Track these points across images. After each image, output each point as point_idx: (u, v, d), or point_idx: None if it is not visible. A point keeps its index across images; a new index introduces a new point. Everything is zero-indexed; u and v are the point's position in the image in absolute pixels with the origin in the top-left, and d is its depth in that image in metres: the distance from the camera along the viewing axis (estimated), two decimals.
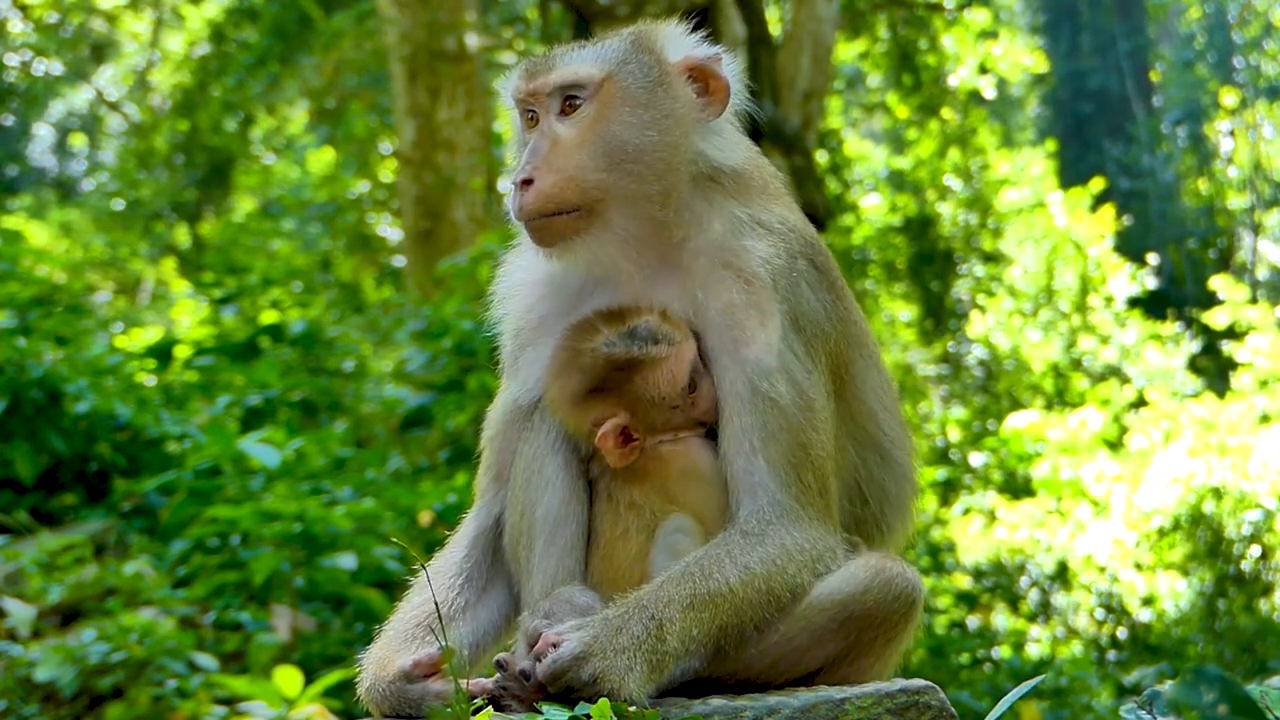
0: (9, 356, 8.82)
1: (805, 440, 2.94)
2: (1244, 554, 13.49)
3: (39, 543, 7.74)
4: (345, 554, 7.40)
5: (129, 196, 24.86)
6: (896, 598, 2.86)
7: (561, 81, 3.03)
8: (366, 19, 19.59)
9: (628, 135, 3.00)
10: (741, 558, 2.82)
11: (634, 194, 3.00)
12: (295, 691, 5.52)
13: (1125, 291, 21.37)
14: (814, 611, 2.84)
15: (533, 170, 2.98)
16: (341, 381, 11.75)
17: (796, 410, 2.94)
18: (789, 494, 2.91)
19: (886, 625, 2.87)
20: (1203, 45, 30.34)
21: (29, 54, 25.80)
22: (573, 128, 3.01)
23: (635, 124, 3.01)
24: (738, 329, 2.98)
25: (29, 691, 6.30)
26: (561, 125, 3.03)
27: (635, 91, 3.03)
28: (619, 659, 2.66)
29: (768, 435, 2.92)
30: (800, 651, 2.85)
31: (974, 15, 20.06)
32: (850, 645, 2.87)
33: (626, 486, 3.03)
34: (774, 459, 2.92)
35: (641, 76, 3.05)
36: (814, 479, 2.95)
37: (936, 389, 20.25)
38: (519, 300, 3.25)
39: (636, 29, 3.17)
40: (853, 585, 2.86)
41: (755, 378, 2.95)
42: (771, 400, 2.93)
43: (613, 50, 3.08)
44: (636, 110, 3.02)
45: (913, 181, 21.47)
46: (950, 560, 14.10)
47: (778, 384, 2.94)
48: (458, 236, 15.80)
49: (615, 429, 2.99)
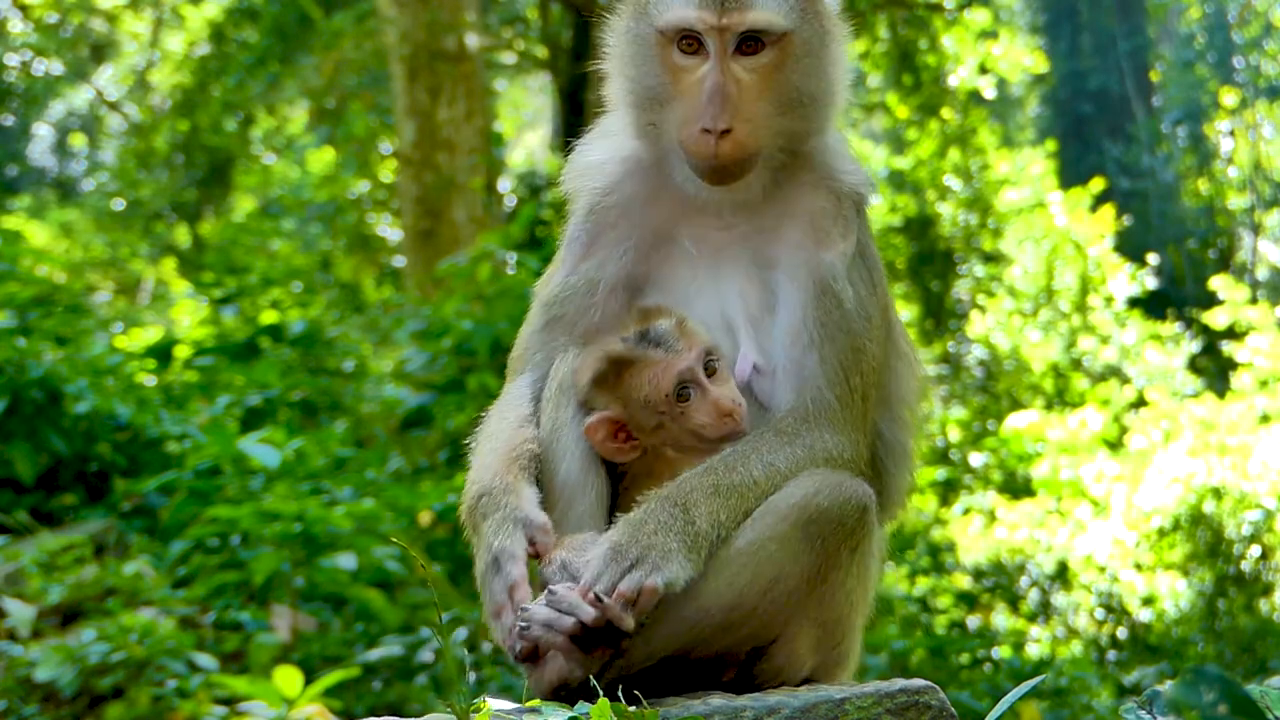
0: (9, 356, 8.83)
1: (859, 345, 3.07)
2: (1244, 554, 13.49)
3: (39, 543, 7.75)
4: (345, 554, 7.40)
5: (129, 196, 24.85)
6: (848, 500, 2.88)
7: (755, 25, 3.06)
8: (366, 19, 19.59)
9: (804, 85, 3.13)
10: (769, 455, 2.94)
11: (799, 134, 3.16)
12: (295, 691, 5.52)
13: (1125, 291, 21.36)
14: (775, 520, 2.86)
15: (730, 119, 3.03)
16: (341, 381, 11.76)
17: (858, 316, 3.08)
18: (834, 392, 3.03)
19: (845, 530, 2.89)
20: (1203, 45, 30.35)
21: (29, 54, 25.80)
22: (754, 73, 3.08)
23: (811, 74, 3.13)
24: (819, 232, 3.13)
25: (29, 691, 6.30)
26: (741, 68, 3.07)
27: (812, 42, 3.14)
28: (654, 539, 2.77)
29: (827, 332, 3.04)
30: (776, 564, 2.85)
31: (974, 15, 20.06)
32: (821, 557, 2.87)
33: (636, 483, 3.07)
34: (828, 356, 3.04)
35: (817, 27, 3.15)
36: (860, 383, 3.06)
37: (936, 389, 20.24)
38: (598, 179, 3.29)
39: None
40: (804, 489, 2.88)
41: (828, 276, 3.07)
42: (838, 300, 3.07)
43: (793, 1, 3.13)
44: (812, 60, 3.13)
45: (913, 181, 21.47)
46: (950, 560, 14.10)
47: (846, 288, 3.08)
48: (458, 236, 15.80)
49: (601, 421, 3.05)
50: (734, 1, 3.07)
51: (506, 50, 22.18)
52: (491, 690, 6.30)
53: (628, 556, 2.75)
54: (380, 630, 7.31)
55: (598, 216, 3.24)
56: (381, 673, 6.91)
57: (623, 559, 2.75)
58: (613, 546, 2.78)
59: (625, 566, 2.74)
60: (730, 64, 3.06)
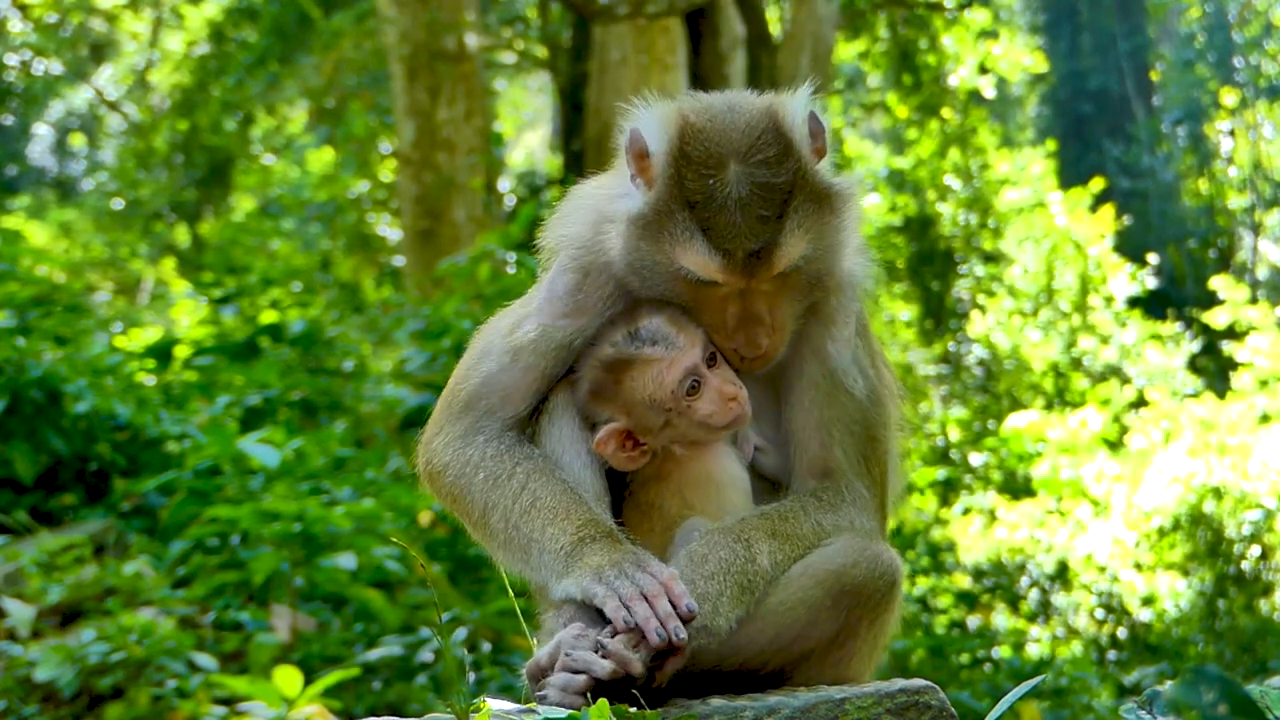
0: (9, 356, 8.83)
1: (876, 435, 3.09)
2: (1244, 554, 13.49)
3: (39, 543, 7.75)
4: (345, 554, 7.40)
5: (129, 196, 24.86)
6: (881, 574, 2.90)
7: (782, 270, 2.93)
8: (366, 19, 19.60)
9: (824, 264, 2.98)
10: (816, 515, 2.96)
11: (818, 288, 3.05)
12: (295, 691, 5.52)
13: (1125, 291, 21.37)
14: (811, 584, 2.86)
15: (765, 343, 2.95)
16: (341, 381, 11.75)
17: (871, 406, 3.08)
18: (863, 482, 3.05)
19: (871, 603, 2.89)
20: (1203, 45, 30.34)
21: (29, 54, 25.80)
22: (776, 280, 2.94)
23: (831, 253, 2.99)
24: (827, 326, 3.08)
25: (29, 691, 6.30)
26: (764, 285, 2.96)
27: (828, 233, 2.97)
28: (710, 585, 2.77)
29: (845, 428, 3.04)
30: (798, 627, 2.86)
31: (974, 15, 20.07)
32: (841, 625, 2.88)
33: (648, 486, 3.05)
34: (850, 450, 3.05)
35: (833, 220, 2.97)
36: (879, 473, 3.09)
37: (936, 389, 20.24)
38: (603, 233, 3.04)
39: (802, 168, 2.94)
40: (843, 557, 2.88)
41: (837, 370, 3.06)
42: (851, 394, 3.05)
43: (802, 217, 2.90)
44: (831, 244, 2.98)
45: (913, 181, 21.48)
46: (950, 560, 14.10)
47: (856, 379, 3.07)
48: (458, 236, 15.81)
49: (610, 433, 2.99)
50: (762, 263, 2.88)
51: (506, 50, 22.19)
52: (491, 690, 6.30)
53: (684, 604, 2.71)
54: (380, 630, 7.31)
55: (589, 276, 3.06)
56: (381, 673, 6.90)
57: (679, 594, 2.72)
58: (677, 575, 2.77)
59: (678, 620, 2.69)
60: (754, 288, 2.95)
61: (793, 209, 2.87)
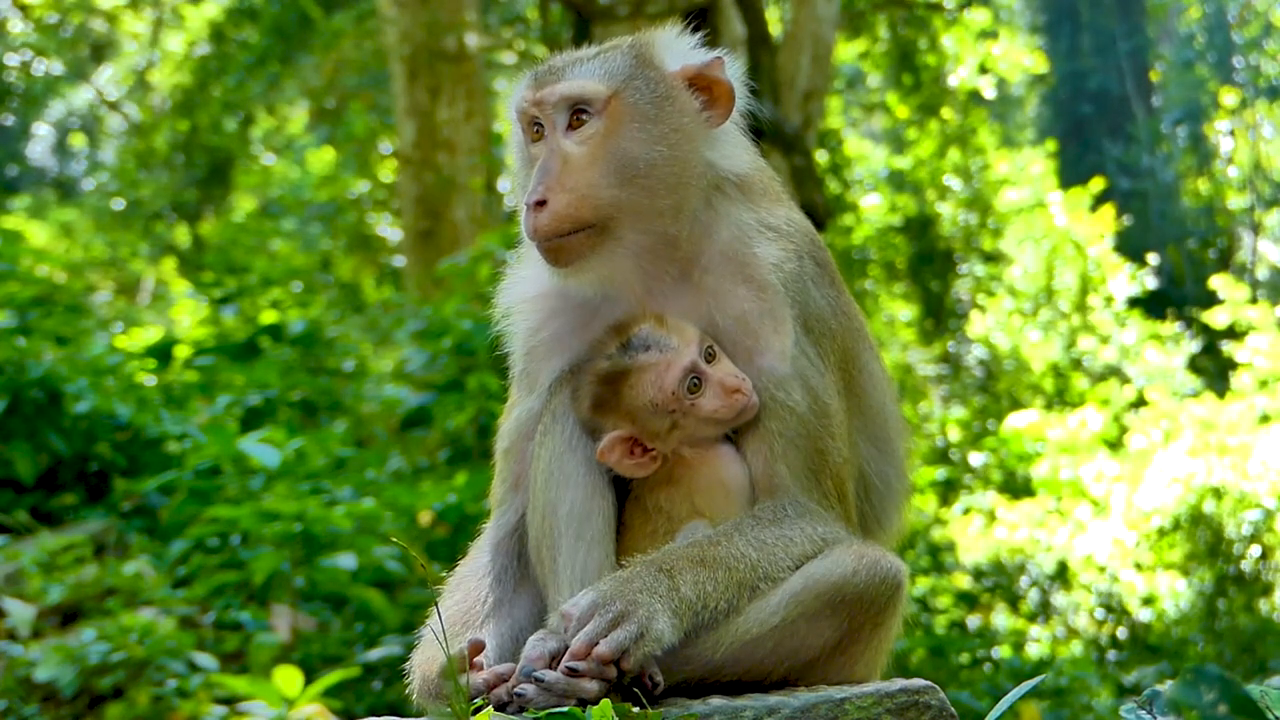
0: (9, 356, 8.83)
1: (823, 447, 2.99)
2: (1244, 554, 13.50)
3: (39, 543, 7.75)
4: (345, 554, 7.40)
5: (129, 196, 24.85)
6: (883, 581, 2.87)
7: (569, 93, 3.01)
8: (366, 19, 19.61)
9: (638, 151, 2.98)
10: (752, 533, 2.88)
11: (646, 209, 2.99)
12: (295, 691, 5.52)
13: (1125, 291, 21.39)
14: (809, 596, 2.84)
15: (545, 190, 2.95)
16: (341, 381, 11.75)
17: (813, 417, 2.98)
18: (810, 498, 2.97)
19: (874, 610, 2.88)
20: (1203, 45, 30.35)
21: (29, 54, 25.80)
22: (582, 144, 2.99)
23: (645, 139, 2.99)
24: (751, 338, 3.01)
25: (29, 691, 6.30)
26: (569, 141, 3.00)
27: (642, 107, 3.01)
28: (640, 596, 2.70)
29: (787, 443, 2.96)
30: (798, 639, 2.85)
31: (974, 15, 20.06)
32: (844, 633, 2.88)
33: (655, 490, 3.04)
34: (794, 465, 2.97)
35: (648, 91, 3.03)
36: (832, 485, 3.00)
37: (936, 389, 20.25)
38: (528, 317, 3.20)
39: (637, 40, 3.15)
40: (843, 567, 2.86)
41: (772, 386, 2.98)
42: (789, 408, 2.97)
43: (617, 64, 3.05)
44: (645, 125, 3.00)
45: (913, 181, 21.48)
46: (950, 560, 14.11)
47: (794, 392, 2.98)
48: (458, 236, 15.81)
49: (613, 442, 2.99)
50: (550, 74, 3.03)
51: (506, 50, 22.17)
52: None
53: (614, 609, 2.68)
54: (380, 630, 7.31)
55: (532, 354, 3.16)
56: (381, 673, 6.91)
57: (608, 610, 2.68)
58: (599, 596, 2.71)
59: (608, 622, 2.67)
60: (561, 140, 3.00)
61: (602, 56, 3.06)
